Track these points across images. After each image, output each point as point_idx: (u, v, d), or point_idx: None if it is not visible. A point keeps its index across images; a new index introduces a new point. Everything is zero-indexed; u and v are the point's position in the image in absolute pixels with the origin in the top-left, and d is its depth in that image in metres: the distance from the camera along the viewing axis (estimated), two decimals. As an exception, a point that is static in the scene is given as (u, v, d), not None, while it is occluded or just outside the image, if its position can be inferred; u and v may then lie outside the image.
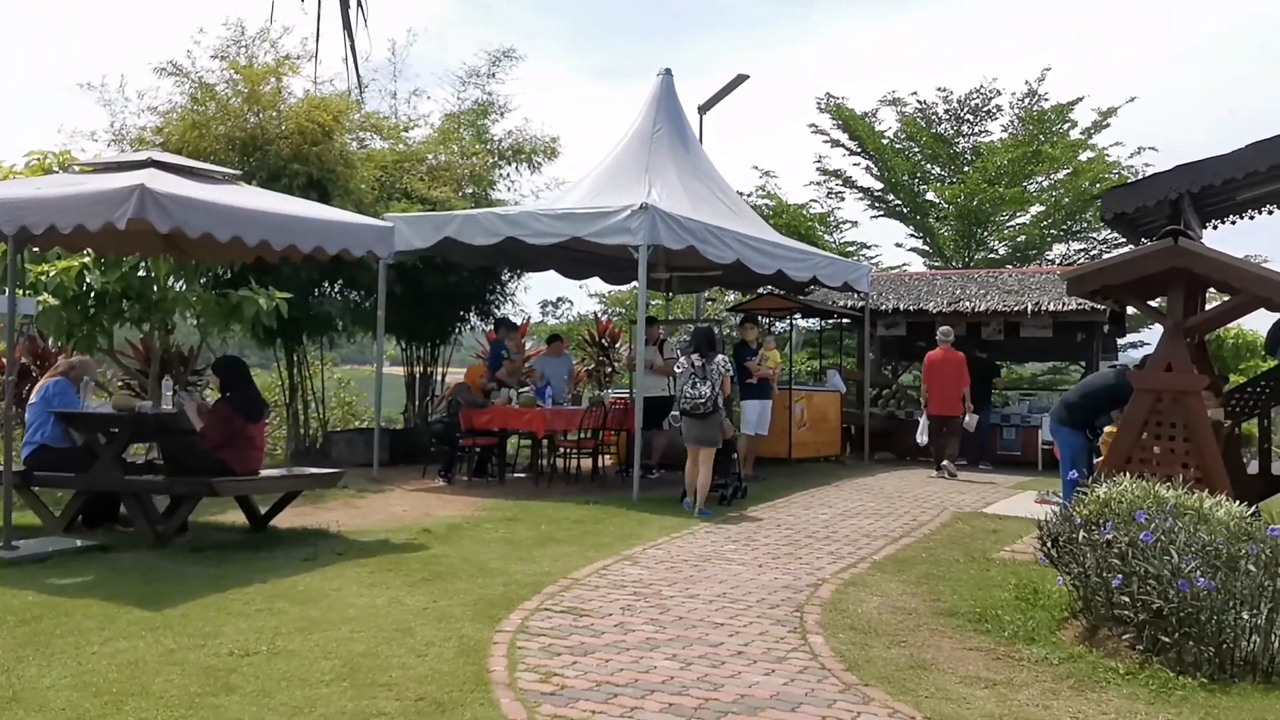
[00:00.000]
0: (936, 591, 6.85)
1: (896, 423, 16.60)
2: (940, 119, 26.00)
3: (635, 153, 12.72)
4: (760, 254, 12.25)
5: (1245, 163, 8.23)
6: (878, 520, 9.74)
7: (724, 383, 9.91)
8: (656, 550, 7.96)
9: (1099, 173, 23.35)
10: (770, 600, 6.45)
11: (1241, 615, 5.11)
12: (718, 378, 9.82)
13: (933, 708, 4.56)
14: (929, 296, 16.99)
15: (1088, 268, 8.40)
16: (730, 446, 10.60)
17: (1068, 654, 5.41)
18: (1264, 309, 8.26)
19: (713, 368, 9.85)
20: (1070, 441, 9.63)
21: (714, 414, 9.84)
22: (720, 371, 9.88)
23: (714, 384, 9.79)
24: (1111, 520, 5.76)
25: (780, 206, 25.24)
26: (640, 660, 5.12)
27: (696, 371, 9.86)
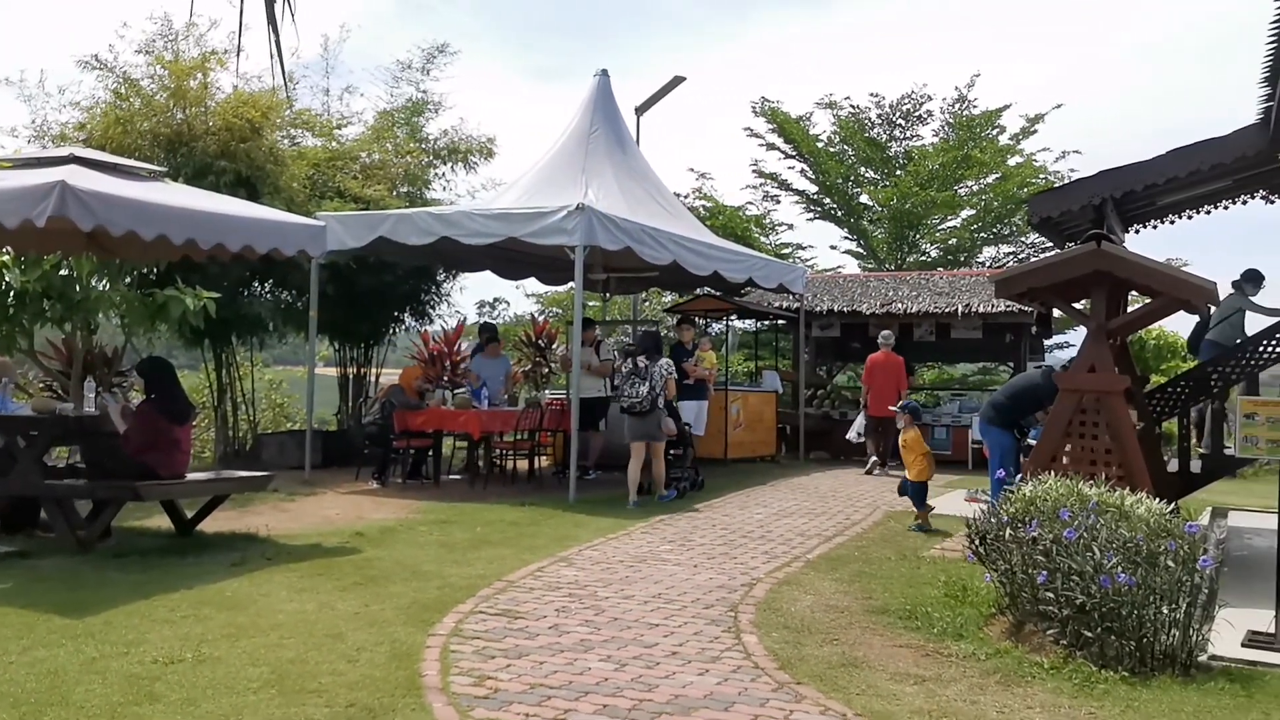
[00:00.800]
0: (868, 589, 6.94)
1: (831, 423, 16.80)
2: (873, 123, 26.39)
3: (572, 153, 12.70)
4: (696, 255, 12.30)
5: (1166, 169, 8.47)
6: (812, 519, 9.84)
7: (668, 384, 10.40)
8: (592, 551, 7.95)
9: (1026, 177, 23.89)
10: (705, 600, 6.48)
11: (1161, 610, 5.26)
12: (660, 379, 10.38)
13: (863, 704, 4.62)
14: (862, 298, 17.22)
15: (1014, 271, 8.57)
16: (687, 442, 11.21)
17: (995, 649, 5.51)
18: (1183, 311, 8.52)
19: (655, 370, 10.36)
20: (999, 441, 9.84)
21: (652, 412, 10.40)
22: (663, 374, 10.41)
23: (653, 385, 10.34)
24: (1037, 518, 5.88)
25: (717, 208, 25.40)
26: (575, 662, 5.11)
27: (638, 372, 10.36)
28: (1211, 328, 10.50)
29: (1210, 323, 10.54)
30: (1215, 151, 8.36)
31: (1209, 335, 10.50)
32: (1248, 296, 10.48)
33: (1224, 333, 10.39)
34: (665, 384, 10.41)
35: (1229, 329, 10.41)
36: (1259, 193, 10.26)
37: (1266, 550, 7.72)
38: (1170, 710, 4.63)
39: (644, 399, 10.31)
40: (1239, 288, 10.55)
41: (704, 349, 13.13)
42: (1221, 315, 10.43)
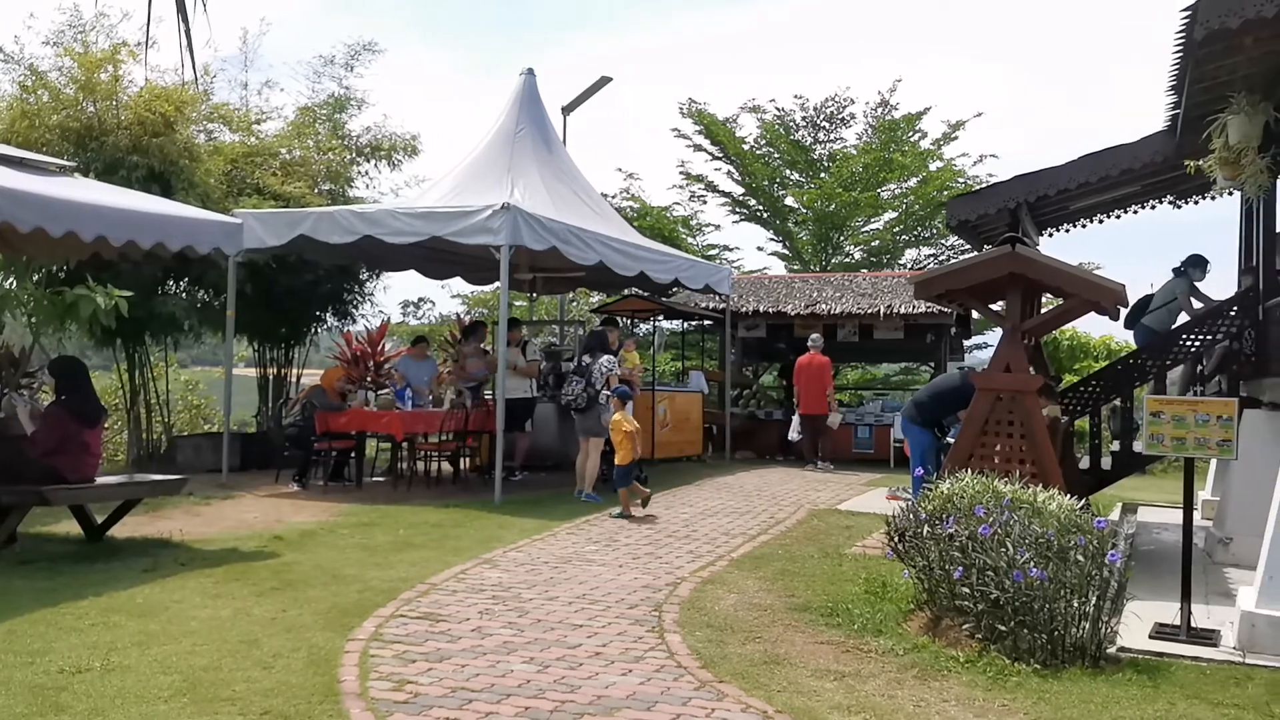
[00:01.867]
0: (791, 587, 7.01)
1: (757, 422, 16.96)
2: (798, 125, 26.68)
3: (497, 152, 12.61)
4: (623, 256, 12.30)
5: (1077, 174, 8.72)
6: (737, 518, 9.90)
7: (609, 380, 10.74)
8: (517, 553, 7.90)
9: (946, 181, 24.37)
10: (629, 600, 6.48)
11: (1071, 603, 5.40)
12: (599, 376, 10.76)
13: (784, 701, 4.66)
14: (788, 299, 17.40)
15: (933, 273, 8.73)
16: None
17: (913, 644, 5.61)
18: (1094, 312, 8.76)
19: (594, 367, 10.80)
20: (920, 439, 10.02)
21: (590, 408, 10.79)
22: (602, 371, 10.82)
23: (591, 381, 10.78)
24: (953, 515, 6.00)
25: (644, 209, 25.46)
26: (497, 664, 5.07)
27: (580, 370, 10.90)
28: (1149, 312, 10.36)
29: (1149, 306, 10.40)
30: (1124, 157, 8.62)
31: (1145, 319, 10.42)
32: (1193, 283, 10.22)
33: (1160, 319, 10.27)
34: (607, 380, 10.73)
35: (1165, 315, 10.26)
36: (1166, 197, 10.60)
37: (1173, 544, 7.98)
38: (1080, 701, 4.75)
39: (578, 395, 10.77)
40: (1182, 273, 10.29)
41: (628, 349, 13.17)
42: (1161, 300, 10.31)
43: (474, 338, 13.14)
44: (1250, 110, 7.08)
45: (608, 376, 10.81)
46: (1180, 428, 6.03)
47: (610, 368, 10.92)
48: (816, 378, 14.83)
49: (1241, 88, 7.13)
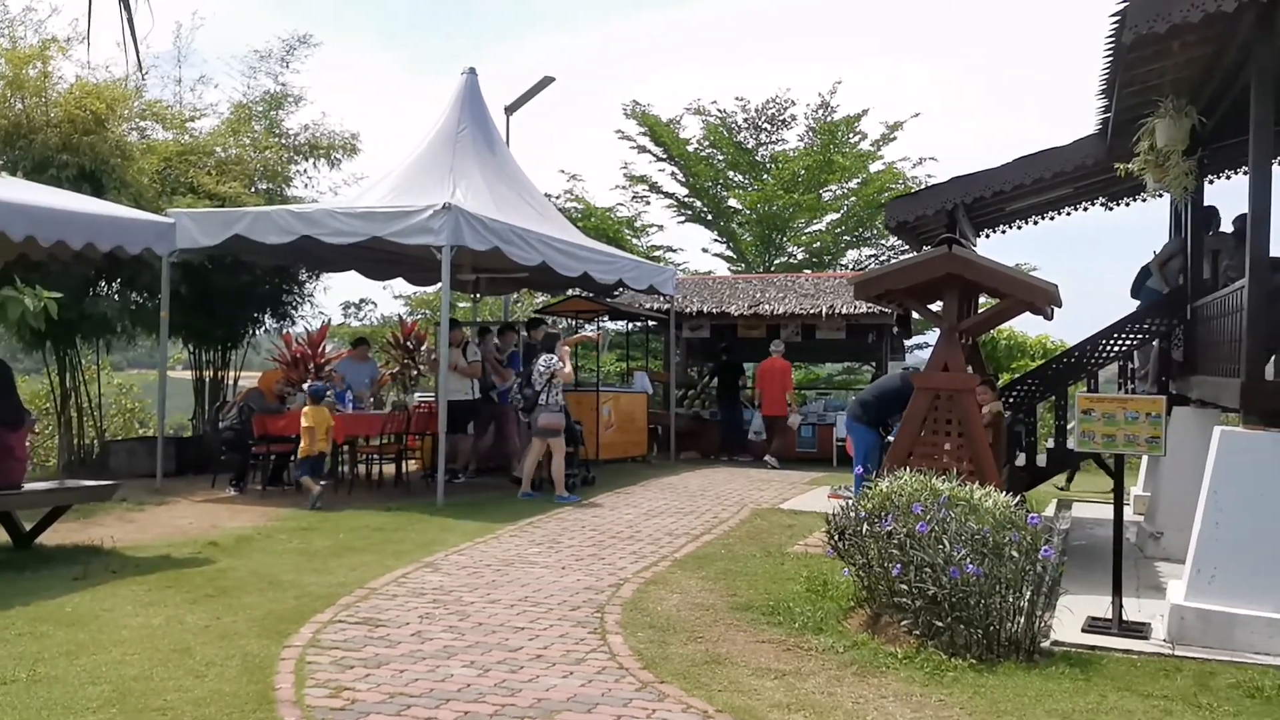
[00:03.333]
0: (734, 587, 7.04)
1: (701, 423, 17.01)
2: (740, 127, 26.84)
3: (439, 152, 12.49)
4: (566, 256, 12.26)
5: (1011, 176, 8.86)
6: (680, 518, 9.92)
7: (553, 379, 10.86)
8: (459, 556, 7.84)
9: (886, 183, 24.67)
10: (572, 602, 6.46)
11: (1007, 598, 5.49)
12: (538, 376, 10.92)
13: (725, 700, 4.67)
14: (731, 300, 17.48)
15: (872, 273, 8.82)
16: (577, 441, 11.85)
17: (852, 642, 5.66)
18: (1029, 312, 8.92)
19: (534, 367, 11.02)
20: (863, 438, 10.10)
21: (534, 409, 10.93)
22: (540, 371, 10.95)
23: (533, 382, 10.94)
24: (892, 513, 6.06)
25: (588, 209, 25.44)
26: (437, 669, 5.02)
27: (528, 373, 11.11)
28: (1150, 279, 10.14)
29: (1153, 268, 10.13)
30: (1058, 160, 8.79)
31: (1149, 283, 10.29)
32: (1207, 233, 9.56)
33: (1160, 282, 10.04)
34: (549, 380, 10.83)
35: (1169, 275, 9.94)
36: (1099, 200, 10.83)
37: (1106, 539, 8.13)
38: (1014, 695, 4.82)
39: (526, 397, 11.02)
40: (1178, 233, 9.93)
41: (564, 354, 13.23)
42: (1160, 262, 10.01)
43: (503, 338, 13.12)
44: (1176, 114, 7.25)
45: (548, 375, 10.84)
46: (1111, 425, 6.15)
47: (547, 366, 10.95)
48: (778, 380, 15.51)
49: (1169, 92, 7.30)
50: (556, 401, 10.97)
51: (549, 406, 10.90)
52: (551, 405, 10.90)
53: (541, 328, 13.36)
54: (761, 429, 15.83)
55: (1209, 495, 5.93)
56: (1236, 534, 5.77)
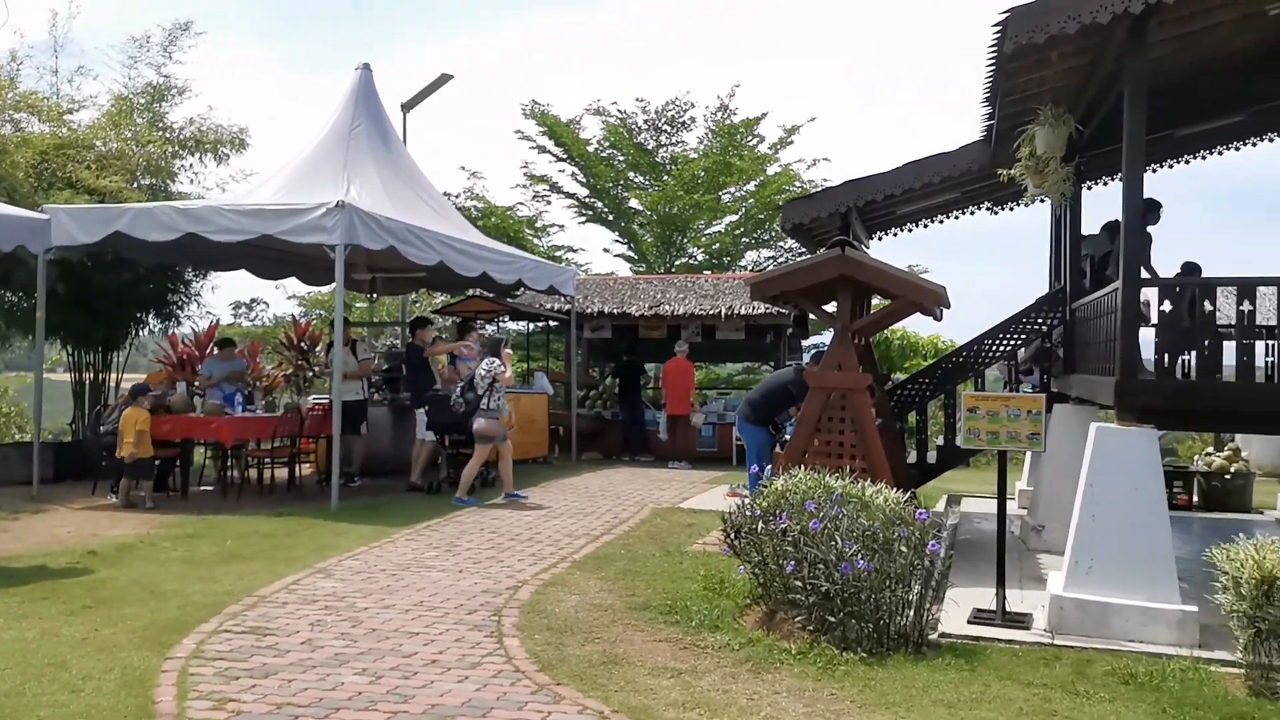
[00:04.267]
0: (632, 586, 7.05)
1: (603, 423, 17.01)
2: (640, 128, 26.95)
3: (332, 149, 12.21)
4: (465, 256, 12.13)
5: (902, 180, 9.08)
6: (580, 519, 9.90)
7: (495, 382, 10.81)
8: (353, 561, 7.68)
9: (783, 184, 25.05)
10: (469, 606, 6.38)
11: (896, 592, 5.62)
12: (479, 380, 10.82)
13: (621, 701, 4.68)
14: (632, 300, 17.53)
15: (768, 275, 8.94)
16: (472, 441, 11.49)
17: (748, 639, 5.72)
18: (919, 313, 9.15)
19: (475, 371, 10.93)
20: (755, 437, 10.24)
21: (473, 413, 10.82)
22: (480, 375, 10.84)
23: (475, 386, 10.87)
24: (786, 510, 6.15)
25: (488, 208, 25.23)
26: (327, 678, 4.91)
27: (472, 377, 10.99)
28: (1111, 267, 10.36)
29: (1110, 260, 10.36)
30: (945, 165, 9.03)
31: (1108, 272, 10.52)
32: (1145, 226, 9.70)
33: None
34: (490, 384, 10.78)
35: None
36: (984, 204, 11.17)
37: (993, 533, 8.40)
38: (903, 687, 4.94)
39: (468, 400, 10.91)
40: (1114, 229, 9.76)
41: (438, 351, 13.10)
42: None
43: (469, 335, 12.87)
44: (1055, 122, 7.53)
45: (490, 380, 10.83)
46: (994, 423, 6.35)
47: (487, 369, 10.91)
48: (682, 380, 15.83)
49: (1048, 100, 7.58)
50: (498, 406, 10.91)
51: (488, 411, 10.83)
52: (491, 410, 10.84)
53: (430, 328, 13.14)
54: (667, 429, 16.08)
55: (1086, 489, 6.17)
56: (1112, 526, 6.02)
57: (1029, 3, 5.88)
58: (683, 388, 15.91)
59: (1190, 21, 6.69)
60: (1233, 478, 11.70)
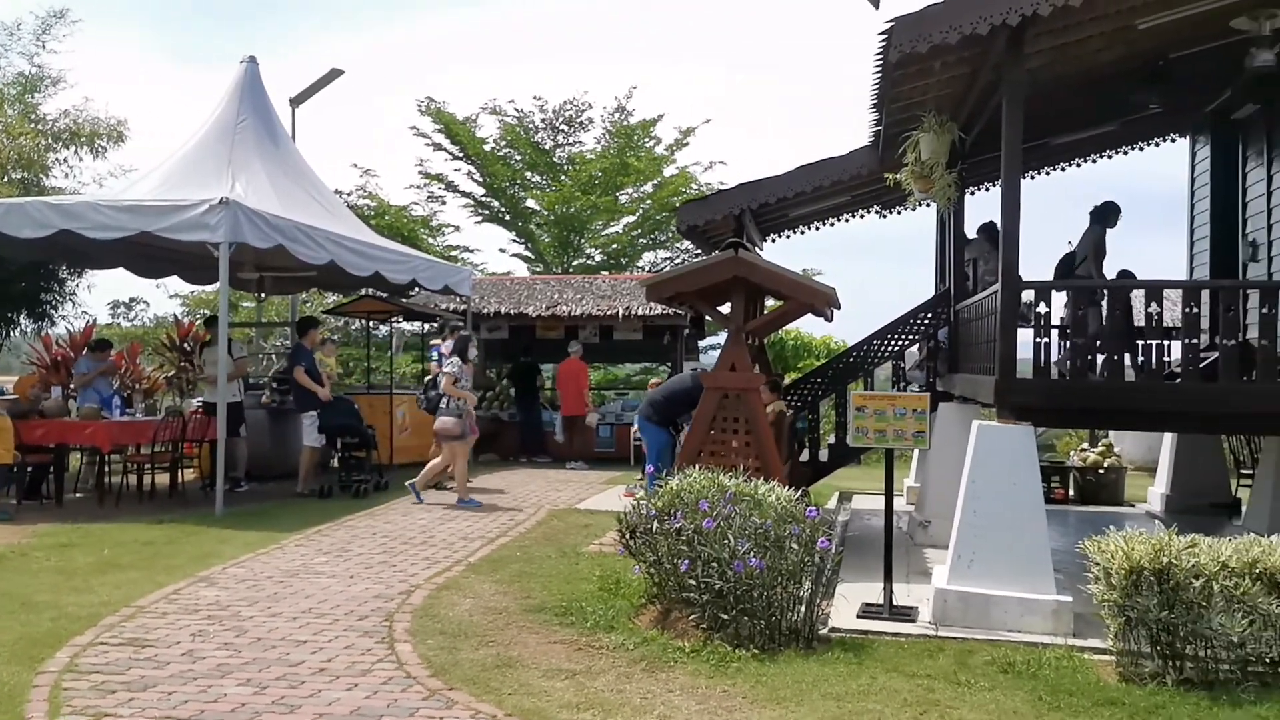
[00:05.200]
0: (528, 588, 7.01)
1: (500, 424, 16.87)
2: (537, 128, 26.83)
3: (216, 144, 11.81)
4: (356, 255, 11.88)
5: (793, 184, 9.23)
6: (476, 521, 9.81)
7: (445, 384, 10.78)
8: (238, 569, 7.46)
9: (679, 186, 25.23)
10: (359, 612, 6.27)
11: (788, 589, 5.72)
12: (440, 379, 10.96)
13: (514, 704, 4.65)
14: (529, 301, 17.44)
15: (662, 276, 9.01)
16: (370, 444, 11.77)
17: (643, 638, 5.75)
18: (811, 314, 9.33)
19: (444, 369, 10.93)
20: (655, 438, 10.29)
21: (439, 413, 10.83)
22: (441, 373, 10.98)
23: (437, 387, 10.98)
24: (681, 510, 6.20)
25: (382, 207, 24.79)
26: (209, 689, 4.76)
27: None
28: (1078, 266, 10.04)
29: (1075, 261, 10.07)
30: (835, 169, 9.22)
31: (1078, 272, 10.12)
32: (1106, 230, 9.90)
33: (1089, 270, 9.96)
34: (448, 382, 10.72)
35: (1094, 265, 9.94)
36: (873, 207, 11.45)
37: (882, 529, 8.62)
38: (793, 682, 5.03)
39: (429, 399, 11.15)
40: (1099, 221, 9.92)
41: (327, 353, 12.88)
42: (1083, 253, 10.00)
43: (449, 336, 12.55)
44: (939, 129, 7.77)
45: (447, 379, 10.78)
46: (882, 421, 6.52)
47: (449, 370, 10.85)
48: (575, 381, 15.82)
49: (932, 108, 7.81)
50: (458, 405, 10.77)
51: (448, 410, 10.73)
52: (451, 409, 10.72)
53: (318, 330, 12.83)
54: (562, 430, 16.01)
55: (968, 485, 6.37)
56: (992, 521, 6.23)
57: (913, 13, 6.05)
58: (577, 389, 15.92)
59: (1064, 34, 6.97)
60: (1106, 472, 12.22)
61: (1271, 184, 9.89)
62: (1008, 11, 5.97)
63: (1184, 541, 5.24)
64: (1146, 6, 6.90)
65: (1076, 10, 6.10)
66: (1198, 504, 10.52)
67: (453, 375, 10.79)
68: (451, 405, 10.75)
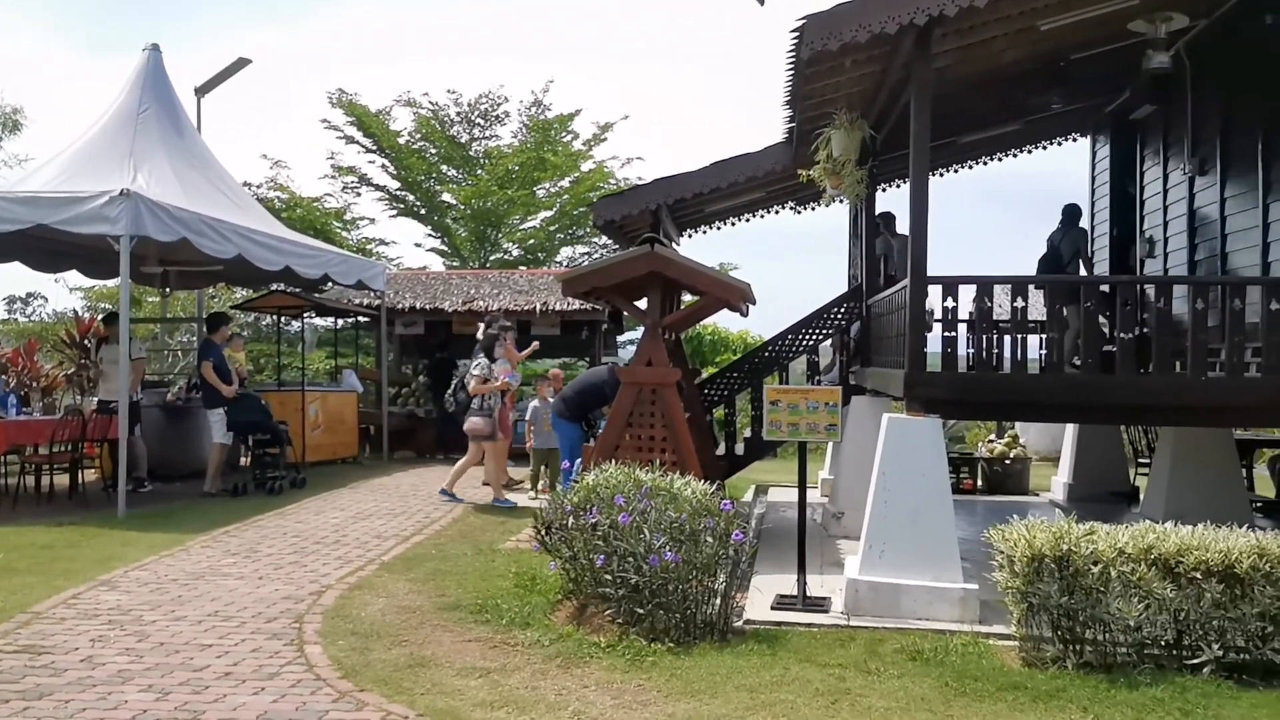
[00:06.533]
0: (442, 587, 6.94)
1: (417, 421, 16.66)
2: (453, 121, 26.55)
3: (117, 134, 11.42)
4: (265, 249, 11.62)
5: (709, 179, 9.30)
6: (391, 520, 9.67)
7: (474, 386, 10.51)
8: (141, 572, 7.24)
9: (596, 181, 25.22)
10: (268, 614, 6.13)
11: (703, 582, 5.76)
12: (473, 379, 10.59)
13: (427, 704, 4.59)
14: (445, 296, 17.26)
15: (578, 271, 9.01)
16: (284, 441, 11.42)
17: (558, 634, 5.73)
18: (727, 309, 9.40)
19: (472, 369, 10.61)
20: (568, 433, 10.29)
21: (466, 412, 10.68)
22: (474, 373, 10.60)
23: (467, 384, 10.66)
24: (597, 505, 6.19)
25: (293, 199, 24.29)
26: (109, 696, 4.61)
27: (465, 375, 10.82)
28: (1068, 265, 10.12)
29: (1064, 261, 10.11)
30: (750, 165, 9.31)
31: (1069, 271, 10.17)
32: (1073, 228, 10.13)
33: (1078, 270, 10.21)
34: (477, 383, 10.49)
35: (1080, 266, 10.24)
36: (788, 203, 11.58)
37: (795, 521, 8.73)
38: (708, 674, 5.06)
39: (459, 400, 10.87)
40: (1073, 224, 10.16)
41: (235, 348, 12.59)
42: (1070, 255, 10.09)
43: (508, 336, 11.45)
44: (850, 126, 7.88)
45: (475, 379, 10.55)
46: (795, 415, 6.59)
47: (478, 370, 10.61)
48: None
49: (843, 105, 7.92)
50: (488, 405, 10.55)
51: (480, 410, 10.51)
52: (485, 409, 10.52)
53: (228, 326, 12.47)
54: None
55: (879, 476, 6.48)
56: (901, 511, 6.35)
57: (823, 11, 6.13)
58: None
59: (970, 34, 7.13)
60: (1012, 463, 12.56)
61: (1167, 182, 10.27)
62: (915, 11, 6.08)
63: (1083, 529, 5.41)
64: (1049, 8, 7.09)
65: (981, 11, 6.25)
66: (1098, 492, 10.89)
67: (481, 375, 10.58)
68: (484, 405, 10.57)
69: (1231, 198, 8.85)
